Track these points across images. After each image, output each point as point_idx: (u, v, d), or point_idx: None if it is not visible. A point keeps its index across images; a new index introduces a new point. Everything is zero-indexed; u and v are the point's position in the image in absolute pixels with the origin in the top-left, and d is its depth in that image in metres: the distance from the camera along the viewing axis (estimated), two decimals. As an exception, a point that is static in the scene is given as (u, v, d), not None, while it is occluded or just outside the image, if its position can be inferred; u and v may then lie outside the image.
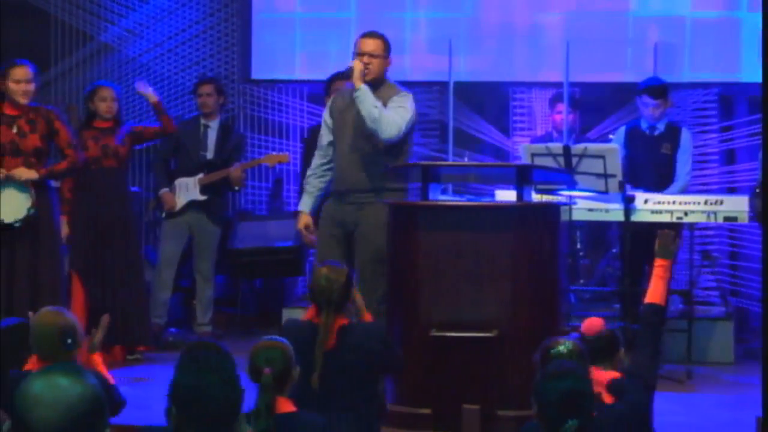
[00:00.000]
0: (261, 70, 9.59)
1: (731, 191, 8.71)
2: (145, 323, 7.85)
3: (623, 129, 7.90)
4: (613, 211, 7.26)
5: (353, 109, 6.38)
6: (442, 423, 5.41)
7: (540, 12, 9.23)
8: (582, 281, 8.52)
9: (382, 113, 6.24)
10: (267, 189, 9.68)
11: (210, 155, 8.47)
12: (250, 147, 9.30)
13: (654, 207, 7.19)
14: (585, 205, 7.31)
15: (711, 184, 8.97)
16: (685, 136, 7.75)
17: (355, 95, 6.28)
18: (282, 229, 8.53)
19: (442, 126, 9.14)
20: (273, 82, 9.61)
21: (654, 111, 7.62)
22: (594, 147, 7.19)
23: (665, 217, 7.12)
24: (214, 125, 8.52)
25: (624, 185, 7.00)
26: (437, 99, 9.28)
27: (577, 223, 7.97)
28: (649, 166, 7.67)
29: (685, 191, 7.59)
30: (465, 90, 8.93)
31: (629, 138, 7.74)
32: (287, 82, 9.58)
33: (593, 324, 4.58)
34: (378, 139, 6.30)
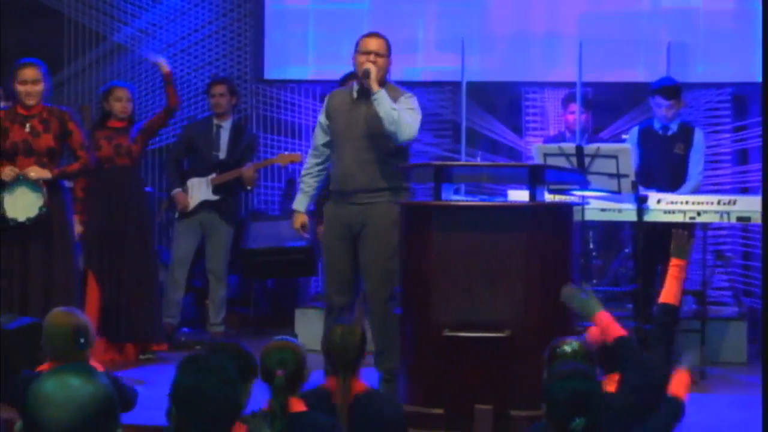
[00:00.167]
0: (273, 70, 9.60)
1: (744, 191, 8.68)
2: (158, 320, 7.85)
3: (636, 129, 7.89)
4: (626, 211, 7.24)
5: (360, 110, 6.38)
6: (454, 423, 5.40)
7: (553, 12, 9.21)
8: (594, 281, 8.49)
9: (401, 116, 6.23)
10: (279, 189, 9.69)
11: (222, 155, 8.47)
12: (262, 147, 9.30)
13: (667, 207, 7.18)
14: (598, 205, 7.30)
15: (724, 184, 8.95)
16: (698, 136, 7.73)
17: (374, 98, 6.25)
18: (294, 230, 8.52)
19: (454, 126, 9.14)
20: (285, 82, 9.63)
21: (667, 111, 7.61)
22: (607, 147, 7.18)
23: (678, 217, 7.11)
24: (226, 125, 8.53)
25: (637, 185, 6.99)
26: (450, 99, 9.28)
27: (590, 223, 7.95)
28: (662, 166, 7.66)
29: (698, 191, 7.58)
30: (478, 90, 8.91)
31: (642, 138, 7.73)
32: (299, 82, 9.58)
33: (595, 335, 4.59)
34: (394, 141, 6.29)
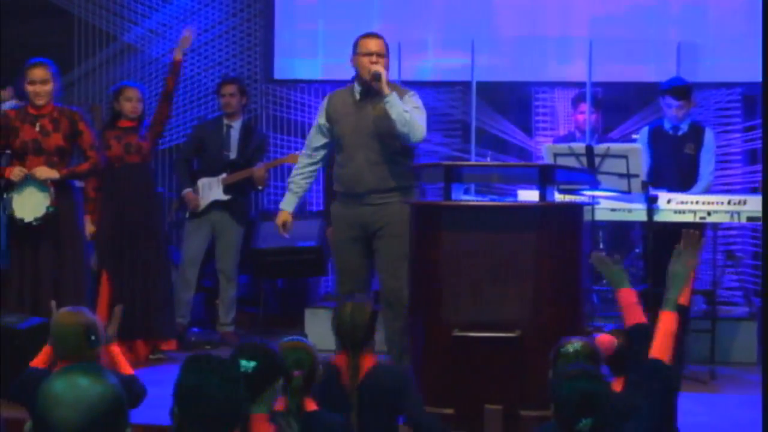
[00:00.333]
0: (283, 70, 9.61)
1: (754, 191, 8.66)
2: (170, 318, 7.84)
3: (646, 129, 7.87)
4: (636, 211, 7.23)
5: (365, 112, 6.40)
6: (464, 423, 5.40)
7: (563, 11, 9.20)
8: (605, 281, 8.48)
9: (412, 117, 6.25)
10: (290, 189, 9.68)
11: (233, 155, 8.48)
12: (272, 147, 9.31)
13: (677, 207, 7.16)
14: (608, 205, 7.29)
15: (734, 184, 8.94)
16: (709, 136, 7.71)
17: (386, 101, 6.27)
18: (305, 229, 8.51)
19: (464, 126, 9.13)
20: (295, 82, 9.63)
21: (677, 111, 7.59)
22: (617, 147, 7.16)
23: (688, 217, 7.09)
24: (236, 125, 8.54)
25: (647, 185, 6.98)
26: (460, 99, 9.28)
27: (600, 223, 7.94)
28: (673, 166, 7.64)
29: (709, 191, 7.56)
30: (487, 90, 8.91)
31: (652, 138, 7.71)
32: (309, 82, 9.58)
33: (603, 343, 4.58)
34: (405, 142, 6.31)
